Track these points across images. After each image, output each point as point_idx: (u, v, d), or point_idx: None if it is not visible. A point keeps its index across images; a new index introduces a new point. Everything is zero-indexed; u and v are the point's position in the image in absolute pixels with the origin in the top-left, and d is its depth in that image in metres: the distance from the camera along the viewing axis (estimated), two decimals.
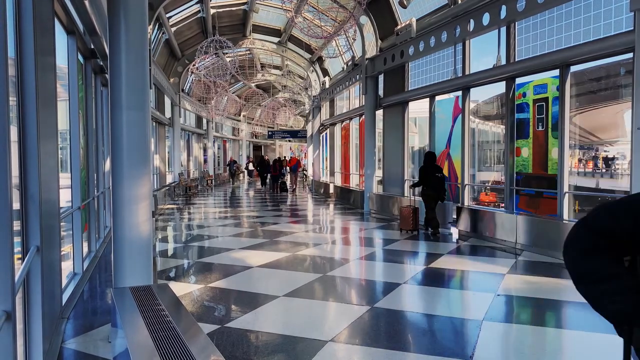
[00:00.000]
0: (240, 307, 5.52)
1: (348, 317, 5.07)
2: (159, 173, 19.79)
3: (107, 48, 4.89)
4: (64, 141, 6.77)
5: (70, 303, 5.46)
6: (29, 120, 3.52)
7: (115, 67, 4.36)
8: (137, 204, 4.41)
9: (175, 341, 2.37)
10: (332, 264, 7.81)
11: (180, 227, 12.43)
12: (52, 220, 4.19)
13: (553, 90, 8.78)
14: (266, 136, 38.76)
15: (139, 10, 4.44)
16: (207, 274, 7.06)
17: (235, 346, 4.29)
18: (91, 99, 8.36)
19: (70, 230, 6.53)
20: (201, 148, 29.95)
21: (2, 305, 2.29)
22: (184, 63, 21.59)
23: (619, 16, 7.59)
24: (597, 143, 11.39)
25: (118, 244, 4.41)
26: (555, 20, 8.68)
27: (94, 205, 8.39)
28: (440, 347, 4.32)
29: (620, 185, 10.70)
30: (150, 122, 4.75)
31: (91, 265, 7.40)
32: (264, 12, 19.86)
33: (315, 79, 23.86)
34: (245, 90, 33.62)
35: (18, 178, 3.42)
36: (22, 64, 3.51)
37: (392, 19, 13.82)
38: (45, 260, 3.74)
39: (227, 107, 29.73)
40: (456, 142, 11.61)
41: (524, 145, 9.49)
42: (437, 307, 5.67)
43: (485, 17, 9.65)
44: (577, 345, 4.53)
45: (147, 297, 3.12)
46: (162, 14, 15.75)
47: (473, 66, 10.97)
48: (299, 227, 11.72)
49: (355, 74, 16.83)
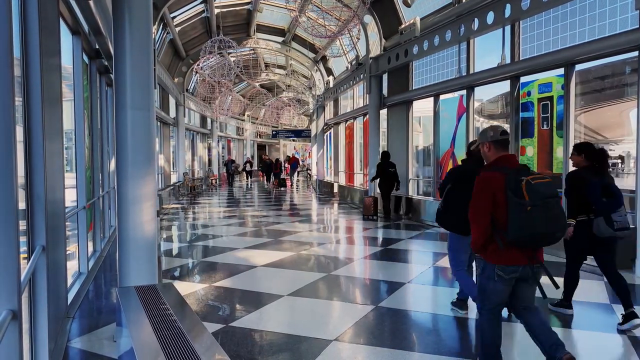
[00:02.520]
0: (244, 307, 5.53)
1: (352, 317, 5.07)
2: (164, 173, 19.86)
3: (111, 48, 4.90)
4: (69, 141, 6.79)
5: (76, 302, 5.48)
6: (34, 120, 3.54)
7: (120, 67, 4.37)
8: (141, 204, 4.42)
9: (180, 340, 2.38)
10: (336, 263, 7.81)
11: (185, 227, 12.47)
12: (57, 219, 4.21)
13: (558, 89, 8.75)
14: (270, 136, 38.78)
15: (144, 10, 4.45)
16: (212, 273, 7.08)
17: (240, 345, 4.30)
18: (96, 99, 8.39)
19: (76, 230, 6.56)
20: (205, 148, 30.00)
21: (8, 304, 2.30)
22: (189, 63, 21.64)
23: (624, 14, 7.55)
24: (602, 142, 11.33)
25: (123, 243, 4.43)
26: (560, 18, 8.65)
27: (99, 205, 8.42)
28: (445, 347, 4.31)
29: (625, 184, 10.64)
30: (155, 122, 4.76)
31: (96, 264, 7.43)
32: (268, 11, 19.88)
33: (319, 78, 23.86)
34: (250, 89, 33.66)
35: (24, 178, 3.44)
36: (27, 64, 3.53)
37: (396, 18, 13.80)
38: (51, 260, 3.76)
39: (231, 106, 29.75)
40: (460, 141, 11.58)
41: (528, 145, 9.46)
42: (441, 306, 5.66)
43: (490, 16, 9.62)
44: (582, 345, 4.51)
45: (152, 297, 3.13)
46: (167, 14, 15.79)
47: (477, 65, 10.95)
48: (302, 227, 11.73)
49: (359, 73, 16.82)
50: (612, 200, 4.65)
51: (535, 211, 3.15)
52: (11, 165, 2.32)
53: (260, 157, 44.28)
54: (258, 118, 42.50)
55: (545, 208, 3.17)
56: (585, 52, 7.85)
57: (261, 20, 20.87)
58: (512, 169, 3.32)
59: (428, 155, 14.60)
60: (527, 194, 3.17)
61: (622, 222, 4.63)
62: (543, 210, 3.16)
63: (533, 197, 3.16)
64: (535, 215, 3.15)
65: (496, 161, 3.47)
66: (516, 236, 3.21)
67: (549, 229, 3.23)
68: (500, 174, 3.31)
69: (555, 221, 3.23)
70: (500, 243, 3.32)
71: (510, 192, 3.22)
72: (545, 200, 3.18)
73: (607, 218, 4.63)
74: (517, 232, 3.20)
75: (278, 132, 33.60)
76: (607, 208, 4.65)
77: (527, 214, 3.16)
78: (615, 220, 4.61)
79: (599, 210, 4.67)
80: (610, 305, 5.42)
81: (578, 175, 4.90)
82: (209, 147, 31.20)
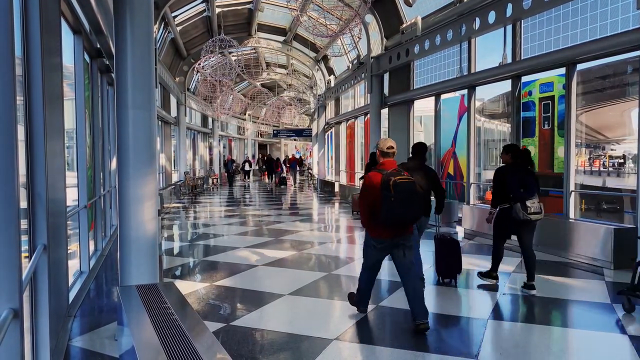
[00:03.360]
0: (245, 306, 5.53)
1: (353, 316, 5.07)
2: (165, 172, 19.87)
3: (113, 47, 4.91)
4: (71, 140, 6.80)
5: (77, 301, 5.49)
6: (35, 119, 3.54)
7: (121, 66, 4.37)
8: (143, 203, 4.43)
9: (181, 339, 2.38)
10: (337, 263, 7.82)
11: (186, 226, 12.47)
12: (58, 218, 4.22)
13: (559, 89, 8.74)
14: (271, 135, 38.77)
15: (145, 10, 4.46)
16: (213, 273, 7.08)
17: (241, 344, 4.31)
18: (97, 98, 8.39)
19: (77, 229, 6.57)
20: (207, 147, 29.99)
21: (10, 303, 2.30)
22: (190, 62, 21.65)
23: (626, 14, 7.54)
24: (603, 141, 11.32)
25: (124, 242, 4.43)
26: (562, 18, 8.64)
27: (100, 204, 8.43)
28: (446, 346, 4.31)
29: (627, 184, 10.63)
30: (156, 121, 4.77)
31: (97, 263, 7.44)
32: (269, 11, 19.88)
33: (321, 77, 23.86)
34: (251, 89, 33.67)
35: (25, 177, 3.44)
36: (29, 63, 3.53)
37: (397, 17, 13.80)
38: (52, 259, 3.77)
39: (233, 106, 29.75)
40: (462, 140, 11.58)
41: (530, 144, 9.45)
42: (443, 306, 5.66)
43: (491, 15, 9.61)
44: (583, 345, 4.51)
45: (153, 295, 3.13)
46: (168, 13, 15.80)
47: (479, 64, 10.94)
48: (303, 226, 11.73)
49: (361, 72, 16.81)
50: (527, 191, 5.76)
51: (396, 201, 4.45)
52: (12, 164, 2.33)
53: (262, 156, 44.30)
54: (259, 117, 42.52)
55: (403, 199, 4.47)
56: (586, 52, 7.84)
57: (262, 19, 20.87)
58: (386, 171, 4.59)
59: (429, 154, 14.59)
60: (393, 189, 4.45)
61: (535, 208, 5.76)
62: (402, 201, 4.46)
63: (396, 191, 4.45)
64: (396, 204, 4.45)
65: (380, 165, 4.79)
66: (384, 218, 4.53)
67: (405, 214, 4.54)
68: (379, 174, 4.61)
69: (409, 209, 4.53)
70: (375, 222, 4.67)
71: (382, 187, 4.51)
72: (404, 194, 4.47)
73: (523, 205, 5.73)
74: (384, 215, 4.51)
75: (279, 131, 33.58)
76: (522, 196, 5.75)
77: (391, 203, 4.44)
78: (529, 206, 5.73)
79: (515, 197, 5.80)
80: (611, 304, 5.42)
81: (502, 171, 6.04)
82: (210, 146, 31.18)
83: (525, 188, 5.77)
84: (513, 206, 5.81)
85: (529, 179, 5.84)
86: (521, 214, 5.72)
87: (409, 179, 4.58)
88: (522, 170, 5.89)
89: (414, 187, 4.59)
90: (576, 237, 7.68)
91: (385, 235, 4.70)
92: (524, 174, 5.87)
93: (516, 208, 5.77)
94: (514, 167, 5.96)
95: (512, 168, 5.95)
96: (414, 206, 4.54)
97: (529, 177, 5.86)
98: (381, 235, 4.72)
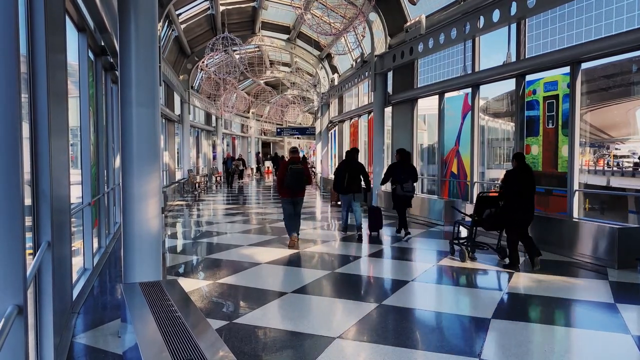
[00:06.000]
0: (248, 304, 5.55)
1: (356, 314, 5.08)
2: (169, 170, 19.90)
3: (117, 45, 4.92)
4: (75, 138, 6.82)
5: (81, 298, 5.51)
6: (40, 117, 3.55)
7: (125, 64, 4.38)
8: (146, 200, 4.44)
9: (184, 336, 2.39)
10: (340, 261, 7.82)
11: (189, 224, 12.50)
12: (63, 216, 4.24)
13: (563, 88, 8.70)
14: (275, 133, 38.77)
15: (149, 8, 4.46)
16: (216, 270, 7.10)
17: (244, 342, 4.32)
18: (101, 95, 8.42)
19: (81, 226, 6.59)
20: (210, 145, 29.99)
21: (14, 299, 2.32)
22: (194, 60, 21.66)
23: (631, 13, 7.50)
24: (608, 141, 11.28)
25: (128, 239, 4.45)
26: (566, 16, 8.60)
27: (104, 202, 8.45)
28: (449, 345, 4.32)
29: (631, 184, 10.59)
30: (160, 119, 4.77)
31: (101, 260, 7.47)
32: (273, 9, 19.85)
33: (324, 76, 23.83)
34: (254, 87, 33.68)
35: (30, 174, 3.46)
36: (33, 61, 3.54)
37: (401, 15, 13.77)
38: (56, 256, 3.78)
39: (236, 104, 29.77)
40: (465, 139, 11.55)
41: (533, 143, 9.42)
42: (446, 305, 5.67)
43: (496, 14, 9.58)
44: (586, 345, 4.50)
45: (156, 293, 3.15)
46: (172, 11, 15.81)
47: (483, 63, 10.91)
48: (306, 224, 11.73)
49: (364, 71, 16.79)
50: (404, 177, 9.51)
51: (289, 177, 8.43)
52: (17, 162, 2.34)
53: (266, 154, 44.28)
54: (263, 115, 42.54)
55: (293, 177, 8.41)
56: (591, 51, 7.81)
57: (266, 17, 20.86)
58: (289, 161, 8.65)
59: (433, 153, 14.57)
60: (288, 172, 8.47)
61: (407, 188, 9.51)
62: (292, 177, 8.42)
63: (289, 173, 8.44)
64: (289, 179, 8.43)
65: (290, 158, 8.79)
66: (286, 184, 8.50)
67: (294, 185, 8.49)
68: (286, 162, 8.69)
69: (296, 183, 8.47)
70: (281, 189, 8.72)
71: (287, 170, 8.49)
72: (293, 174, 8.41)
73: (401, 187, 9.53)
74: (287, 183, 8.48)
75: (282, 129, 33.57)
76: (400, 180, 9.54)
77: (288, 177, 8.44)
78: (404, 187, 9.51)
79: (395, 180, 9.64)
80: (614, 304, 5.41)
81: (393, 165, 10.03)
82: (213, 144, 31.19)
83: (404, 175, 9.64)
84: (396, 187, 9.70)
85: (407, 171, 9.63)
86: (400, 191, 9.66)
87: (299, 167, 8.52)
88: (403, 165, 9.75)
89: (301, 171, 8.50)
90: (580, 237, 7.66)
91: (287, 195, 8.65)
92: (405, 167, 9.68)
93: (396, 189, 9.63)
94: (400, 162, 9.77)
95: (398, 163, 9.79)
96: (300, 182, 8.47)
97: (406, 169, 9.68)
98: (285, 195, 8.68)
